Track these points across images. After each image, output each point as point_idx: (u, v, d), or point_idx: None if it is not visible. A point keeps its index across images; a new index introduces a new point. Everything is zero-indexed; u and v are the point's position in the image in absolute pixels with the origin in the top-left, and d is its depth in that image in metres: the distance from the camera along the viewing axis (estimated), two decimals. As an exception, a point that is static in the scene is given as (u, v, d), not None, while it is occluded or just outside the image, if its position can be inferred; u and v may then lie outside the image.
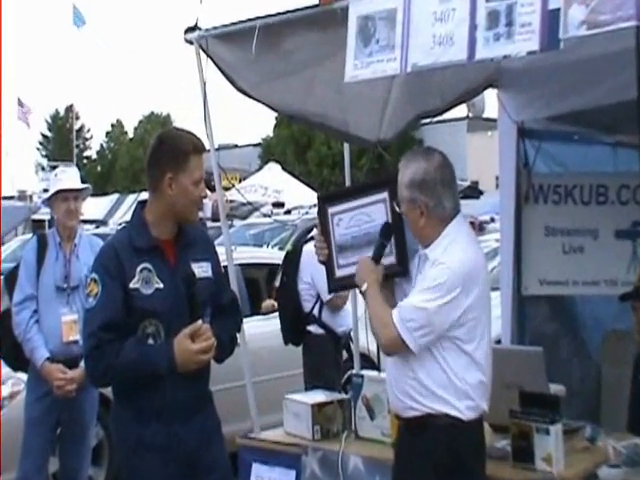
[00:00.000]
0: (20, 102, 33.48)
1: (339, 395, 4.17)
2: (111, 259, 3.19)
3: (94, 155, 62.96)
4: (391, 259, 3.32)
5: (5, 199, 19.74)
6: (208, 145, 4.13)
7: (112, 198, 27.16)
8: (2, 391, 5.37)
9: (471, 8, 2.80)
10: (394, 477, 3.21)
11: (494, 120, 5.80)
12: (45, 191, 5.16)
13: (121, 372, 3.12)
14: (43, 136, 59.16)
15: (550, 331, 5.49)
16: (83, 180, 5.22)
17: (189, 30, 4.15)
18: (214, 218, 15.94)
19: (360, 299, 3.89)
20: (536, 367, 3.65)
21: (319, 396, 4.11)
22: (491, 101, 5.55)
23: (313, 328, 5.99)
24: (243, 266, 6.86)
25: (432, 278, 3.01)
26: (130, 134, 61.39)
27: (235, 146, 57.72)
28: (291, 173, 25.91)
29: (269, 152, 48.20)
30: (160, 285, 3.18)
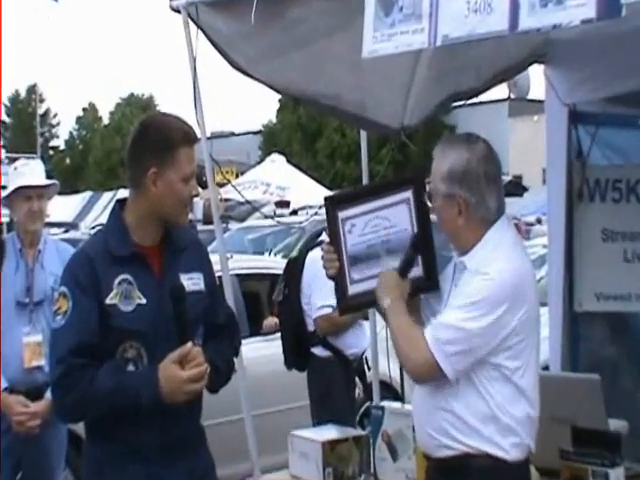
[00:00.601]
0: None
1: (355, 431, 4.19)
2: (84, 270, 3.19)
3: (62, 145, 63.29)
4: (417, 271, 3.31)
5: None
6: (199, 133, 4.16)
7: (84, 197, 27.24)
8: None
9: (513, -32, 2.80)
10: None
11: (540, 102, 5.80)
12: (3, 188, 5.16)
13: (95, 404, 3.12)
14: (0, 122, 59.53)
15: (609, 355, 5.48)
16: (49, 175, 5.25)
17: (176, -5, 4.19)
18: (206, 220, 15.99)
19: (379, 317, 3.90)
20: (592, 398, 3.65)
21: (331, 432, 4.12)
22: (537, 80, 5.56)
23: (317, 350, 6.00)
24: (241, 277, 6.88)
25: (473, 292, 3.01)
26: (105, 120, 61.67)
27: (231, 134, 57.93)
28: (298, 166, 25.91)
29: (271, 141, 48.34)
30: (142, 300, 3.18)
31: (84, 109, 62.26)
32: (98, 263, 3.19)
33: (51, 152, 60.79)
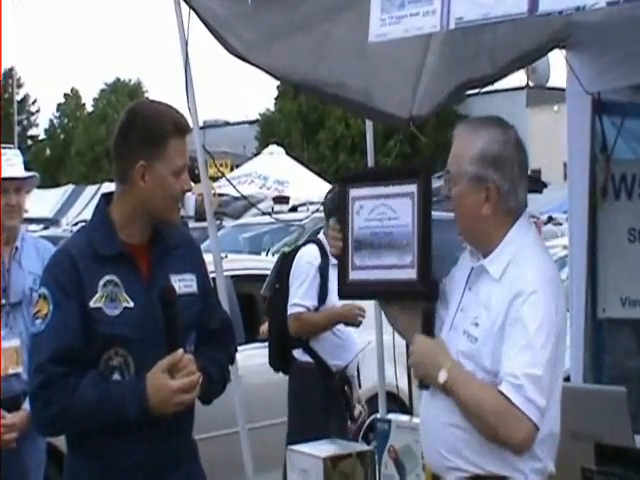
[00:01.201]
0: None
1: (359, 446, 4.19)
2: (66, 270, 3.20)
3: (42, 134, 63.25)
4: (409, 273, 3.34)
5: None
6: (191, 122, 4.16)
7: (65, 190, 27.34)
8: None
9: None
10: None
11: (561, 90, 5.80)
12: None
13: (77, 417, 3.12)
14: (-26, 109, 59.62)
15: (636, 366, 5.47)
16: (27, 167, 5.24)
17: (167, -26, 4.19)
18: (198, 217, 16.01)
19: (384, 320, 3.91)
20: (617, 413, 3.65)
21: (333, 447, 4.11)
22: (558, 66, 5.55)
23: (298, 353, 6.05)
24: (236, 278, 6.89)
25: (529, 319, 2.96)
26: (89, 107, 61.65)
27: (226, 123, 57.96)
28: (297, 159, 25.95)
29: (269, 132, 48.34)
30: (130, 304, 3.19)
31: (66, 95, 62.27)
32: (81, 263, 3.19)
33: (30, 142, 60.78)
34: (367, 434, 6.45)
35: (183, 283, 3.31)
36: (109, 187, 3.41)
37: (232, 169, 26.73)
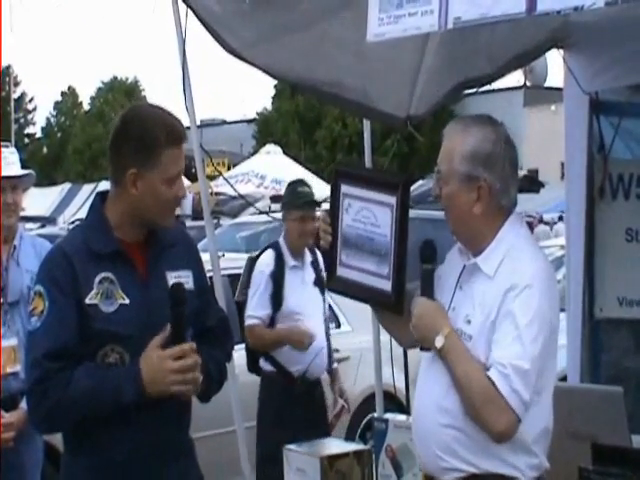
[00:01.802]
0: None
1: (357, 445, 4.19)
2: (61, 267, 3.19)
3: (38, 132, 63.19)
4: (384, 284, 3.38)
5: None
6: (188, 121, 4.16)
7: (62, 189, 27.32)
8: None
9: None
10: None
11: (559, 90, 5.80)
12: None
13: (74, 407, 3.10)
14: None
15: (633, 365, 5.48)
16: (24, 165, 5.23)
17: (164, -29, 4.19)
18: (195, 216, 16.00)
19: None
20: (615, 412, 3.65)
21: (331, 446, 4.11)
22: (555, 66, 5.56)
23: (262, 362, 6.10)
24: (233, 277, 6.88)
25: (519, 312, 2.97)
26: (86, 105, 61.57)
27: (223, 122, 57.92)
28: (295, 158, 25.97)
29: (267, 131, 48.30)
30: (125, 300, 3.18)
31: (63, 93, 62.17)
32: (77, 260, 3.18)
33: (27, 140, 60.71)
34: (364, 434, 6.47)
35: (179, 280, 3.30)
36: (106, 185, 3.39)
37: (229, 168, 26.73)
